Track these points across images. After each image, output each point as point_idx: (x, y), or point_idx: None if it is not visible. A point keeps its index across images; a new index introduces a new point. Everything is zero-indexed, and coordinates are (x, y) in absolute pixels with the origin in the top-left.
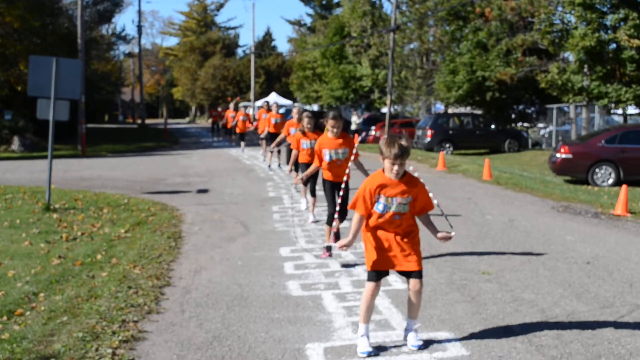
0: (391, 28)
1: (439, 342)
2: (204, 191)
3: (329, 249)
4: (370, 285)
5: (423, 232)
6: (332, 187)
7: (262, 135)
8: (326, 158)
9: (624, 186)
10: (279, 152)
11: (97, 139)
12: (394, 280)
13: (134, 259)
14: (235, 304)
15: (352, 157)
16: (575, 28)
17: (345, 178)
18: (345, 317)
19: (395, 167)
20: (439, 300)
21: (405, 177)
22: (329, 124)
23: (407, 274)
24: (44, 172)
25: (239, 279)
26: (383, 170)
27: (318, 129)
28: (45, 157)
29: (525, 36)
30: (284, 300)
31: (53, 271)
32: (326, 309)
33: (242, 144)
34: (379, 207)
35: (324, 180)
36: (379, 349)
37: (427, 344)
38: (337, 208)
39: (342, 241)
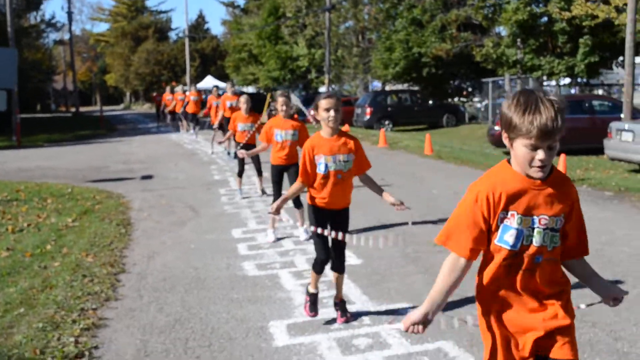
0: (326, 7)
1: (400, 313)
2: (148, 177)
3: (312, 297)
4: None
5: (374, 209)
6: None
7: (215, 125)
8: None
9: (562, 155)
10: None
11: (31, 129)
12: (348, 256)
13: (85, 248)
14: (192, 287)
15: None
16: (508, 2)
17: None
18: (304, 294)
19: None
20: (395, 273)
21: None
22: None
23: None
24: None
25: (194, 262)
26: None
27: (254, 111)
28: None
29: (459, 12)
30: (241, 281)
31: (2, 263)
32: (284, 287)
33: (197, 128)
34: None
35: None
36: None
37: (387, 315)
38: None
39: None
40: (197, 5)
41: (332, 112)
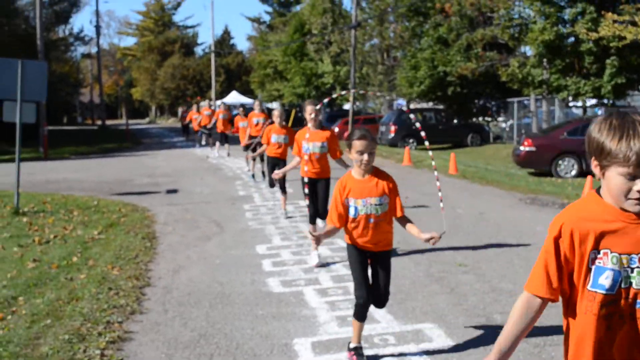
0: (352, 25)
1: (424, 333)
2: (174, 191)
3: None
4: None
5: (397, 226)
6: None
7: (243, 147)
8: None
9: (589, 177)
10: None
11: (58, 141)
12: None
13: (111, 260)
14: (217, 302)
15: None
16: (534, 22)
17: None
18: (329, 312)
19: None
20: (419, 292)
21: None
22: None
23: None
24: (7, 175)
25: (219, 277)
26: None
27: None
28: (5, 160)
29: (485, 31)
30: (266, 297)
31: (29, 274)
32: (309, 304)
33: (227, 145)
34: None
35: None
36: (365, 342)
37: (412, 335)
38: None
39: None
40: (223, 21)
41: (365, 156)
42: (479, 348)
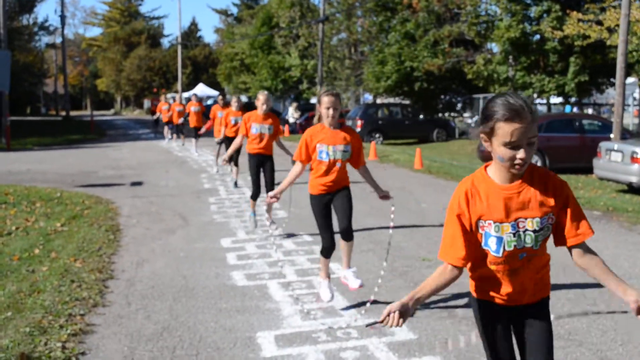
0: (320, 19)
1: (387, 327)
2: (138, 184)
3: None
4: None
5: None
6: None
7: (217, 140)
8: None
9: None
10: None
11: (21, 132)
12: (336, 269)
13: (73, 253)
14: (181, 295)
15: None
16: (501, 20)
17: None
18: (293, 305)
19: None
20: (383, 287)
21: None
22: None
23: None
24: None
25: (183, 271)
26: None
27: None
28: None
29: (452, 27)
30: (230, 291)
31: None
32: (273, 298)
33: (194, 141)
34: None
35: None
36: (328, 335)
37: (375, 329)
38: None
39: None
40: (190, 13)
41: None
42: (441, 341)
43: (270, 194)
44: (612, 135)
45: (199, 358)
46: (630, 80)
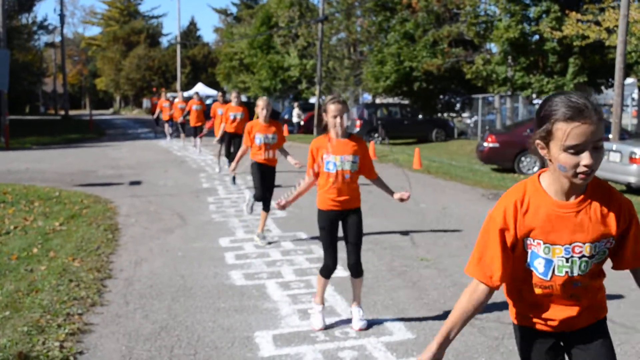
0: (319, 19)
1: (385, 326)
2: (137, 183)
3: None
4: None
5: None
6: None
7: (217, 140)
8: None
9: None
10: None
11: (20, 131)
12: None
13: (72, 252)
14: (179, 295)
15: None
16: (500, 20)
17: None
18: (291, 305)
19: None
20: (381, 286)
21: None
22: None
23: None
24: None
25: (181, 270)
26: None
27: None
28: None
29: (451, 27)
30: (228, 290)
31: None
32: (271, 298)
33: (198, 141)
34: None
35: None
36: (326, 335)
37: (373, 328)
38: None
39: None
40: (189, 12)
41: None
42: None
43: (282, 202)
44: (610, 136)
45: (197, 357)
46: (629, 80)
